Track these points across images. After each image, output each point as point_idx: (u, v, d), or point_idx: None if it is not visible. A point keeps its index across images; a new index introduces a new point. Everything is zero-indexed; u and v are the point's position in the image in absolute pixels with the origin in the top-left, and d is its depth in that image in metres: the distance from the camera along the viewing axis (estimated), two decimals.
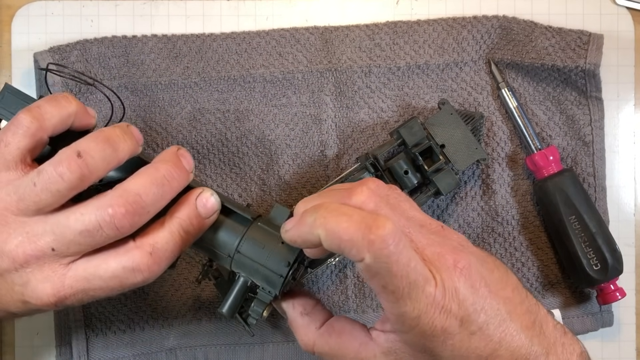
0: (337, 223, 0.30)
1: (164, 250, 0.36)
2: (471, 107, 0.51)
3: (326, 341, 0.36)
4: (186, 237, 0.37)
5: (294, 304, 0.38)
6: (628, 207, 0.53)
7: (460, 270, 0.31)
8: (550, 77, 0.51)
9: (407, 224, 0.33)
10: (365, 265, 0.30)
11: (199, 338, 0.50)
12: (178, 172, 0.36)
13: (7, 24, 0.51)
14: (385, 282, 0.30)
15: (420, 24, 0.51)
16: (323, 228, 0.31)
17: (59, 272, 0.35)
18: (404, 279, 0.30)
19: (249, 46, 0.51)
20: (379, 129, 0.51)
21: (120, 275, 0.35)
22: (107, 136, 0.36)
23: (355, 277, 0.51)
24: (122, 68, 0.50)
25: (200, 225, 0.37)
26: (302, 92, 0.51)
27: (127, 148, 0.36)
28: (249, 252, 0.38)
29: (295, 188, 0.51)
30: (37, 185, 0.34)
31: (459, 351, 0.31)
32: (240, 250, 0.38)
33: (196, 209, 0.37)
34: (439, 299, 0.30)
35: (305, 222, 0.32)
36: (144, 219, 0.35)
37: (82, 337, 0.50)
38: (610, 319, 0.51)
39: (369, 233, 0.29)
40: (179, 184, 0.37)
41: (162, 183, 0.35)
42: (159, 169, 0.36)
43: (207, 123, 0.51)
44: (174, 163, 0.37)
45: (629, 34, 0.52)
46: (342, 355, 0.35)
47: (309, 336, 0.37)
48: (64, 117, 0.37)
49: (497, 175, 0.51)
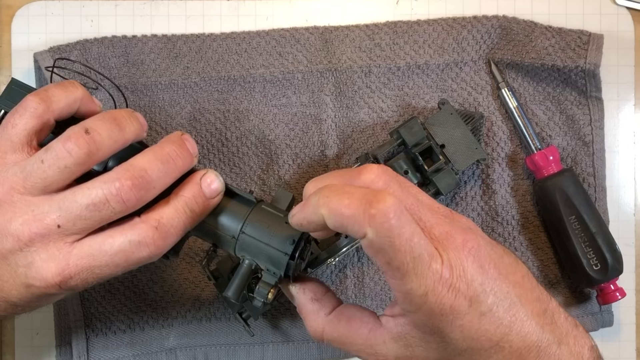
0: (339, 200, 0.30)
1: (170, 225, 0.36)
2: (471, 107, 0.51)
3: (335, 327, 0.36)
4: (191, 215, 0.37)
5: (304, 290, 0.38)
6: (628, 207, 0.53)
7: (469, 250, 0.31)
8: (550, 77, 0.51)
9: (415, 203, 0.32)
10: (368, 241, 0.30)
11: (199, 338, 0.50)
12: (182, 152, 0.37)
13: (7, 24, 0.51)
14: (389, 258, 0.30)
15: (420, 24, 0.51)
16: (326, 207, 0.31)
17: (64, 250, 0.34)
18: (407, 253, 0.29)
19: (249, 46, 0.51)
20: (379, 129, 0.51)
21: (126, 250, 0.35)
22: (114, 116, 0.37)
23: (355, 277, 0.51)
24: (122, 68, 0.50)
25: (205, 205, 0.37)
26: (302, 92, 0.51)
27: (133, 129, 0.37)
28: (253, 233, 0.38)
29: (295, 188, 0.51)
30: (44, 162, 0.34)
31: (469, 332, 0.31)
32: (244, 231, 0.38)
33: (201, 189, 0.37)
34: (446, 276, 0.30)
35: (309, 203, 0.32)
36: (150, 195, 0.35)
37: (82, 337, 0.50)
38: (610, 319, 0.51)
39: (370, 208, 0.29)
40: (184, 163, 0.37)
41: (167, 160, 0.36)
42: (164, 147, 0.37)
43: (207, 123, 0.51)
44: (178, 144, 0.37)
45: (629, 34, 0.52)
46: (351, 342, 0.35)
47: (318, 322, 0.37)
48: (70, 102, 0.38)
49: (497, 175, 0.51)
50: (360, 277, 0.51)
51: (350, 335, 0.35)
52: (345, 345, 0.35)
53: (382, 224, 0.29)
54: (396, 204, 0.29)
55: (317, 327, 0.37)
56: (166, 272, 0.50)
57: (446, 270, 0.30)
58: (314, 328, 0.37)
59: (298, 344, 0.51)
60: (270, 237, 0.37)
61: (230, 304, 0.47)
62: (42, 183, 0.34)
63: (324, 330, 0.36)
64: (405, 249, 0.29)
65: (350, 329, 0.35)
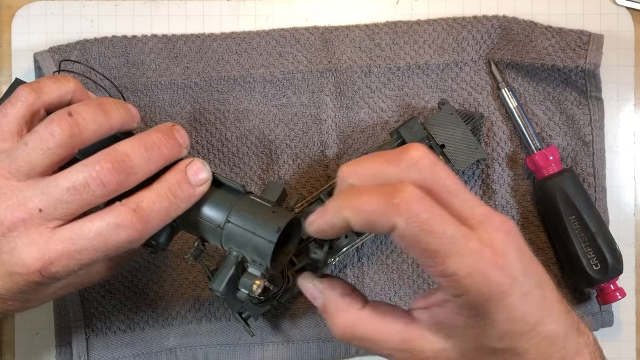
0: (361, 199, 0.30)
1: (150, 209, 0.35)
2: (471, 107, 0.51)
3: (368, 322, 0.34)
4: (174, 202, 0.36)
5: (332, 286, 0.36)
6: (628, 207, 0.53)
7: (507, 231, 0.31)
8: (550, 77, 0.51)
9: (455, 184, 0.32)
10: (400, 231, 0.29)
11: (199, 338, 0.50)
12: (169, 141, 0.37)
13: (7, 24, 0.51)
14: (425, 243, 0.29)
15: (420, 24, 0.51)
16: (350, 208, 0.30)
17: (45, 235, 0.34)
18: (442, 235, 0.29)
19: (249, 46, 0.51)
20: (379, 129, 0.51)
21: (104, 233, 0.34)
22: (100, 102, 0.37)
23: (355, 277, 0.51)
24: (122, 68, 0.50)
25: (190, 193, 0.37)
26: (302, 92, 0.51)
27: (119, 115, 0.37)
28: (239, 222, 0.37)
29: (295, 188, 0.51)
30: (28, 145, 0.34)
31: (514, 314, 0.30)
32: (230, 220, 0.37)
33: (185, 175, 0.37)
34: (489, 255, 0.30)
35: (329, 209, 0.32)
36: (131, 180, 0.35)
37: (82, 337, 0.50)
38: (610, 319, 0.51)
39: (392, 198, 0.29)
40: (170, 152, 0.37)
41: (151, 147, 0.36)
42: (150, 134, 0.36)
43: (207, 123, 0.51)
44: (165, 133, 0.37)
45: (629, 34, 0.52)
46: (385, 338, 0.33)
47: (349, 318, 0.34)
48: (62, 93, 0.38)
49: (497, 175, 0.51)
50: (360, 277, 0.51)
51: (384, 331, 0.34)
52: (378, 342, 0.34)
53: (408, 211, 0.29)
54: (416, 191, 0.29)
55: (348, 323, 0.34)
56: (166, 272, 0.50)
57: (488, 250, 0.30)
58: (344, 325, 0.35)
59: (298, 344, 0.51)
60: (257, 226, 0.36)
61: (229, 304, 0.47)
62: (27, 166, 0.34)
63: (355, 327, 0.34)
64: (438, 230, 0.29)
65: (385, 323, 0.34)
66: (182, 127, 0.38)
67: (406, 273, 0.51)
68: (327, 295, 0.36)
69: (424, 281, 0.51)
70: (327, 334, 0.51)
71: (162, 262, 0.50)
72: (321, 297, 0.36)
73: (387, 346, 0.33)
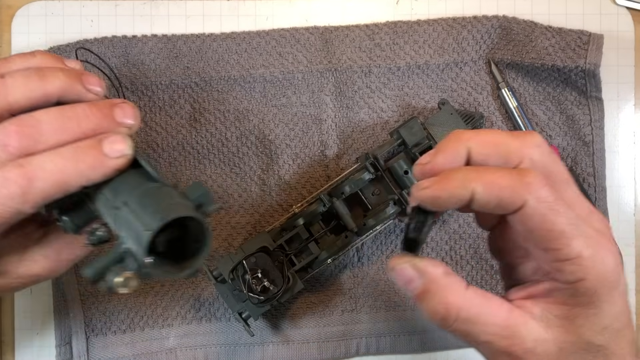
0: (494, 174, 0.30)
1: (39, 167, 0.33)
2: (471, 107, 0.51)
3: (473, 304, 0.32)
4: (75, 165, 0.33)
5: (434, 264, 0.33)
6: (628, 207, 0.52)
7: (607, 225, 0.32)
8: (550, 77, 0.51)
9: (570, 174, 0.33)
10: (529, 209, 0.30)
11: (199, 338, 0.50)
12: (98, 114, 0.35)
13: (7, 24, 0.51)
14: (551, 224, 0.30)
15: (420, 24, 0.51)
16: (480, 181, 0.30)
17: None
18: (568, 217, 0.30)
19: (249, 46, 0.51)
20: (379, 129, 0.51)
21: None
22: (39, 66, 0.35)
23: (355, 277, 0.51)
24: (122, 68, 0.50)
25: (99, 161, 0.34)
26: (302, 92, 0.51)
27: (57, 83, 0.35)
28: (134, 206, 0.33)
29: (295, 188, 0.51)
30: None
31: (617, 307, 0.31)
32: (127, 203, 0.33)
33: (99, 143, 0.34)
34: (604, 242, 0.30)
35: (454, 178, 0.31)
36: (38, 147, 0.33)
37: (82, 337, 0.50)
38: None
39: (524, 177, 0.30)
40: (95, 125, 0.35)
41: (69, 117, 0.34)
42: (76, 106, 0.35)
43: (207, 123, 0.51)
44: (98, 106, 0.35)
45: (629, 34, 0.52)
46: (490, 322, 0.31)
47: (455, 298, 0.32)
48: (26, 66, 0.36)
49: None
50: (360, 277, 0.51)
51: (488, 313, 0.31)
52: (481, 325, 0.31)
53: (540, 190, 0.29)
54: (542, 175, 0.30)
55: (454, 304, 0.31)
56: None
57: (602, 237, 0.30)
58: (449, 305, 0.32)
59: (298, 344, 0.51)
60: (145, 212, 0.32)
61: (230, 304, 0.47)
62: None
63: (460, 307, 0.32)
64: (565, 212, 0.30)
65: (490, 306, 0.32)
66: (132, 106, 0.36)
67: None
68: (429, 274, 0.32)
69: None
70: (327, 334, 0.51)
71: None
72: (420, 278, 0.33)
73: (489, 331, 0.31)
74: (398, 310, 0.51)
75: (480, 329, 0.31)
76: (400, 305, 0.51)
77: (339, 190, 0.47)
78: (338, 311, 0.51)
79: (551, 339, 0.31)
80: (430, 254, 0.51)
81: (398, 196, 0.47)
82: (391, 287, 0.51)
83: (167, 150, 0.51)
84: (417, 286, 0.33)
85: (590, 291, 0.30)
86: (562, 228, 0.29)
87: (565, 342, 0.31)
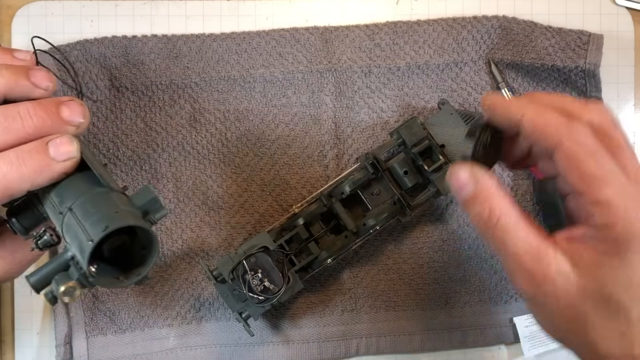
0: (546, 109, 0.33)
1: None
2: (471, 107, 0.51)
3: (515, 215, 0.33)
4: (19, 168, 0.32)
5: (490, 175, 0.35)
6: None
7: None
8: (550, 77, 0.51)
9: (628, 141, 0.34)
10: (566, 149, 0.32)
11: (199, 338, 0.50)
12: (42, 113, 0.33)
13: (7, 24, 0.51)
14: (585, 166, 0.31)
15: (420, 24, 0.51)
16: (532, 112, 0.33)
17: None
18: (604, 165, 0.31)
19: (249, 46, 0.51)
20: (379, 129, 0.51)
21: None
22: None
23: (355, 277, 0.51)
24: (122, 68, 0.50)
25: (45, 164, 0.33)
26: (302, 92, 0.51)
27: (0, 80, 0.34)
28: (78, 212, 0.32)
29: (295, 188, 0.51)
30: None
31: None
32: (72, 208, 0.32)
33: (44, 145, 0.33)
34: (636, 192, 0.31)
35: (512, 103, 0.34)
36: None
37: (82, 337, 0.50)
38: None
39: (571, 120, 0.32)
40: (40, 125, 0.33)
41: (13, 117, 0.33)
42: (20, 105, 0.34)
43: (207, 123, 0.51)
44: (43, 105, 0.34)
45: (629, 34, 0.52)
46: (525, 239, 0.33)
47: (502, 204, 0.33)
48: None
49: (497, 175, 0.51)
50: (360, 277, 0.51)
51: (525, 229, 0.33)
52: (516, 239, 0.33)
53: (581, 134, 0.32)
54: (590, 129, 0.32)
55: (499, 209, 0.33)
56: (166, 272, 0.50)
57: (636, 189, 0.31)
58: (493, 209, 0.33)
59: (298, 344, 0.51)
60: (89, 221, 0.31)
61: (230, 304, 0.47)
62: None
63: (503, 214, 0.33)
64: (601, 160, 0.31)
65: (528, 224, 0.33)
66: (80, 103, 0.35)
67: (406, 273, 0.51)
68: (483, 183, 0.34)
69: (424, 281, 0.51)
70: (327, 333, 0.51)
71: (162, 262, 0.50)
72: (474, 184, 0.34)
73: (522, 246, 0.33)
74: (398, 310, 0.51)
75: (513, 240, 0.33)
76: (400, 305, 0.51)
77: (338, 191, 0.47)
78: (338, 311, 0.51)
79: (574, 278, 0.32)
80: (430, 254, 0.51)
81: (398, 196, 0.47)
82: (391, 287, 0.51)
83: (167, 150, 0.51)
84: (468, 192, 0.34)
85: (619, 240, 0.31)
86: (595, 172, 0.31)
87: (587, 287, 0.31)
